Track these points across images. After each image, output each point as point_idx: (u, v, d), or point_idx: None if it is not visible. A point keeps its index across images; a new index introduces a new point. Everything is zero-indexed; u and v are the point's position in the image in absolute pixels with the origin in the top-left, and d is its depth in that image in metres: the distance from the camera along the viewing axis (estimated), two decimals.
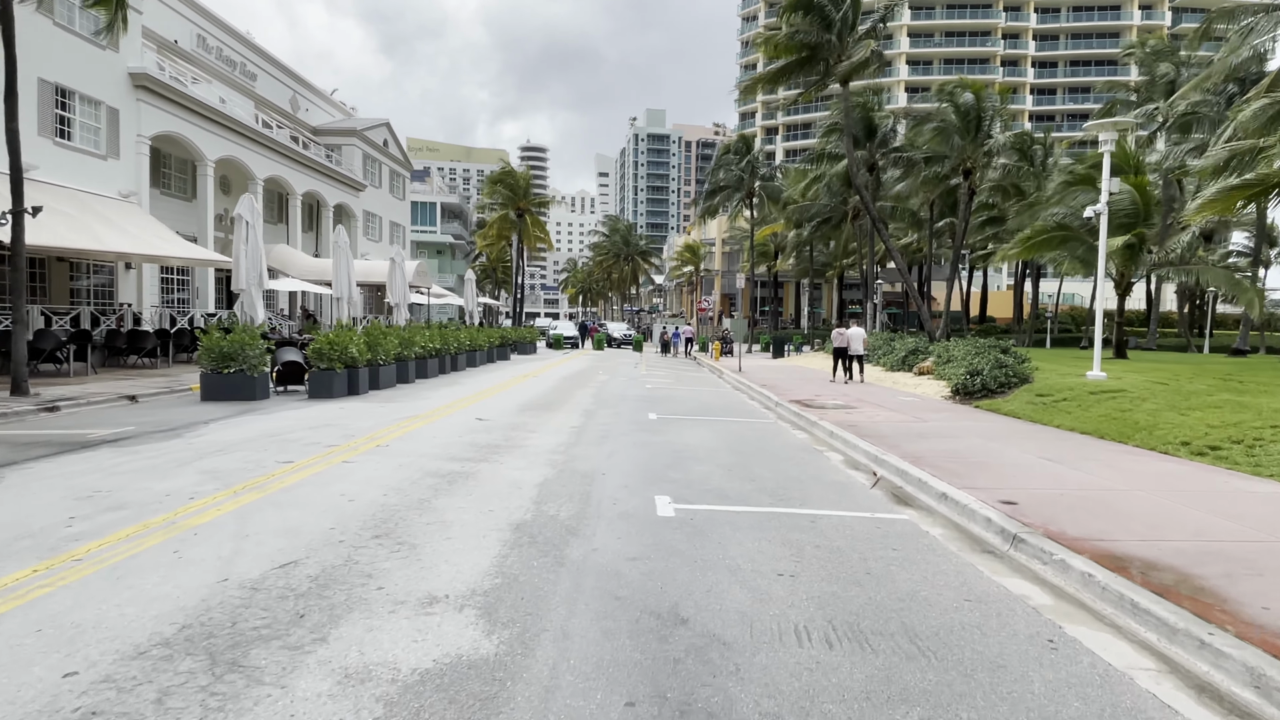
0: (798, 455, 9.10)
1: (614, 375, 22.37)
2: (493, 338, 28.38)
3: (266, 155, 30.46)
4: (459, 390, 16.42)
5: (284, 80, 37.34)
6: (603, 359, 33.00)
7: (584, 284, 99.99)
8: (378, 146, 43.95)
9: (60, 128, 19.96)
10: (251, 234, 16.36)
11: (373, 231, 43.67)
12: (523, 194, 44.40)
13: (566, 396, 15.52)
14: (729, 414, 13.39)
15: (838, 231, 42.54)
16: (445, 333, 21.64)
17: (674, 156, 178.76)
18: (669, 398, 15.99)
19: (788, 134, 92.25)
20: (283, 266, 31.70)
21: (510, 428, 10.58)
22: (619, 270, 71.31)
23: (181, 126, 24.71)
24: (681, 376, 23.15)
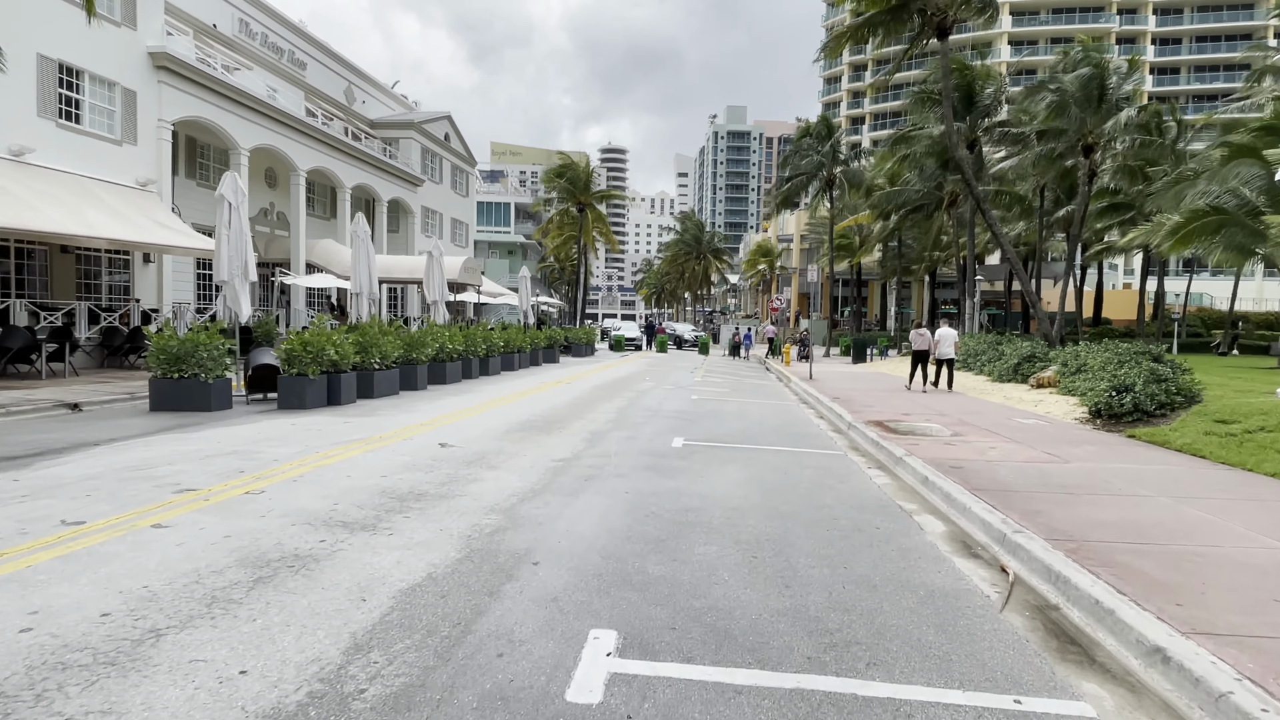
0: (871, 523, 5.87)
1: (661, 382, 19.36)
2: (538, 338, 25.83)
3: (310, 145, 28.95)
4: (463, 400, 13.79)
5: (338, 71, 36.06)
6: (660, 362, 30.02)
7: (658, 284, 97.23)
8: (438, 140, 42.40)
9: (65, 109, 18.52)
10: (235, 218, 14.18)
11: (431, 228, 42.13)
12: (583, 187, 41.87)
13: (584, 411, 12.62)
14: (783, 440, 10.17)
15: (929, 221, 38.10)
16: (471, 333, 19.15)
17: (754, 154, 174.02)
18: (713, 413, 12.86)
19: (874, 123, 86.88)
20: (325, 262, 30.18)
21: (471, 461, 7.74)
22: (690, 269, 68.07)
23: (208, 111, 23.22)
24: (740, 384, 19.92)
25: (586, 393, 15.79)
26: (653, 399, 14.94)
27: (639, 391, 16.40)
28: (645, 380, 19.90)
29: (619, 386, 17.62)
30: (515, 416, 11.50)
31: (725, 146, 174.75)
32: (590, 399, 14.58)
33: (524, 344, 23.84)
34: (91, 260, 20.26)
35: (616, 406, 13.42)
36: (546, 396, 14.80)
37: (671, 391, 16.76)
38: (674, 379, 20.83)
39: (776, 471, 7.75)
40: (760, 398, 16.37)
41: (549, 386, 17.11)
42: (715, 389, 17.99)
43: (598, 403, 13.92)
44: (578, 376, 20.62)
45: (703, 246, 66.54)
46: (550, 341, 27.90)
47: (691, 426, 11.03)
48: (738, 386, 19.14)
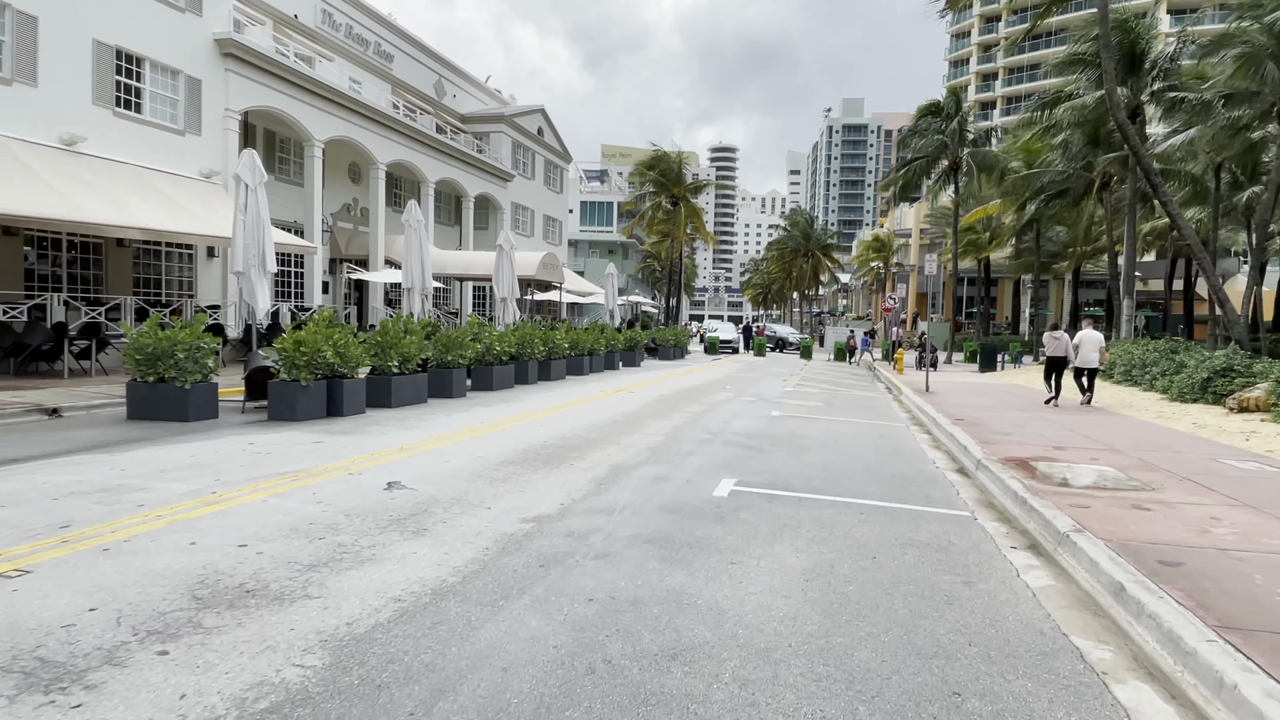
0: (1037, 710, 3.01)
1: (742, 392, 16.53)
2: (615, 340, 23.52)
3: (389, 138, 27.95)
4: (490, 413, 11.57)
5: (427, 63, 35.26)
6: (752, 368, 27.02)
7: (764, 284, 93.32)
8: (530, 135, 41.09)
9: (124, 97, 17.84)
10: (252, 201, 12.60)
11: (523, 225, 40.86)
12: (675, 179, 39.33)
13: (624, 432, 10.08)
14: (879, 486, 7.23)
15: (1075, 209, 33.09)
16: (527, 333, 17.04)
17: (871, 147, 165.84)
18: (791, 438, 10.00)
19: (1006, 108, 79.52)
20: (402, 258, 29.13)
21: (401, 518, 5.37)
22: (798, 267, 64.08)
23: (279, 101, 22.37)
24: (837, 397, 16.78)
25: (645, 405, 13.24)
26: (721, 415, 12.20)
27: (709, 405, 13.70)
28: (724, 389, 17.13)
29: (689, 397, 14.97)
30: (530, 439, 9.11)
31: (840, 141, 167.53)
32: (644, 414, 12.02)
33: (597, 346, 21.58)
34: (150, 254, 19.67)
35: (671, 425, 10.80)
36: (594, 409, 12.37)
37: (749, 405, 13.94)
38: (760, 388, 17.93)
39: (859, 556, 4.92)
40: (859, 415, 13.27)
41: (606, 395, 14.69)
42: (805, 402, 14.99)
43: (649, 419, 11.34)
44: (649, 383, 18.11)
45: (811, 243, 62.44)
46: (631, 343, 25.55)
47: (754, 460, 8.26)
48: (834, 399, 16.04)
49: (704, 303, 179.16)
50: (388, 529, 5.03)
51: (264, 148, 25.19)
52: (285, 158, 26.21)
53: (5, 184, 13.51)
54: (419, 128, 29.54)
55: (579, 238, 73.13)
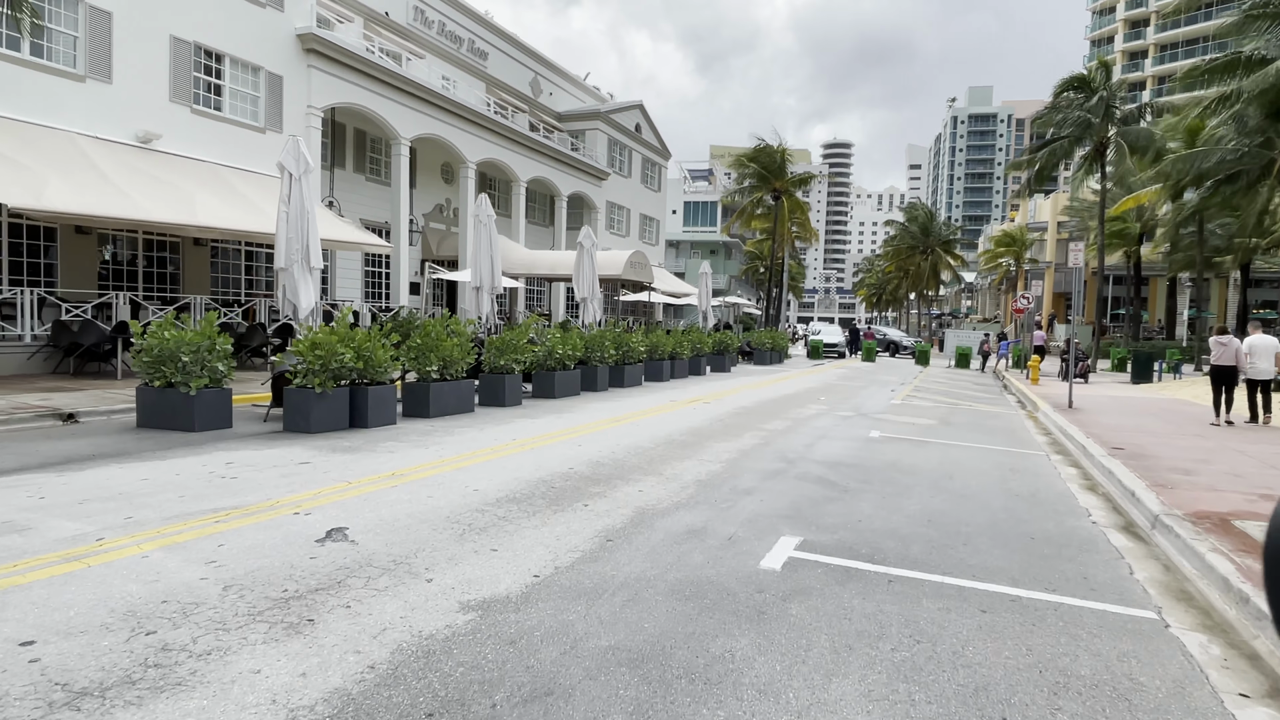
0: None
1: (839, 405, 14.28)
2: (701, 343, 21.64)
3: (479, 135, 27.28)
4: (534, 426, 10.04)
5: (523, 61, 34.62)
6: (857, 375, 24.39)
7: (878, 284, 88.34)
8: (628, 131, 39.83)
9: (202, 94, 17.71)
10: (296, 191, 11.68)
11: (618, 225, 39.65)
12: (777, 171, 36.85)
13: (674, 457, 8.25)
14: (1009, 556, 5.04)
15: (1248, 195, 28.27)
16: (598, 336, 15.51)
17: (1001, 137, 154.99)
18: (886, 474, 7.85)
19: (1157, 89, 71.38)
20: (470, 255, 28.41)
21: (281, 601, 3.82)
22: (916, 265, 59.64)
23: (363, 98, 21.97)
24: (955, 413, 14.22)
25: (716, 419, 11.34)
26: (804, 435, 10.12)
27: (794, 421, 11.62)
28: (817, 401, 14.92)
29: (772, 410, 12.92)
30: (554, 463, 7.45)
31: (965, 132, 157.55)
32: (710, 431, 10.14)
33: (680, 349, 19.80)
34: (229, 253, 19.57)
35: (737, 449, 8.88)
36: (653, 424, 10.61)
37: (843, 422, 11.75)
38: (861, 400, 15.58)
39: (978, 717, 2.93)
40: (983, 439, 10.83)
41: (678, 406, 12.88)
42: (914, 420, 12.62)
43: (714, 439, 9.45)
44: (732, 391, 16.14)
45: (931, 239, 57.91)
46: (721, 346, 23.58)
47: (832, 505, 6.24)
48: (952, 416, 13.52)
49: (813, 305, 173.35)
50: (259, 617, 3.48)
51: (354, 147, 25.06)
52: (376, 158, 26.01)
53: (69, 182, 13.30)
54: (509, 124, 28.76)
55: (680, 238, 71.53)
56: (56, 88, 14.79)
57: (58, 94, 14.81)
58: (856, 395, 16.81)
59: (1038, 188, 34.47)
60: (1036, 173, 32.63)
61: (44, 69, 14.58)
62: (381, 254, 25.33)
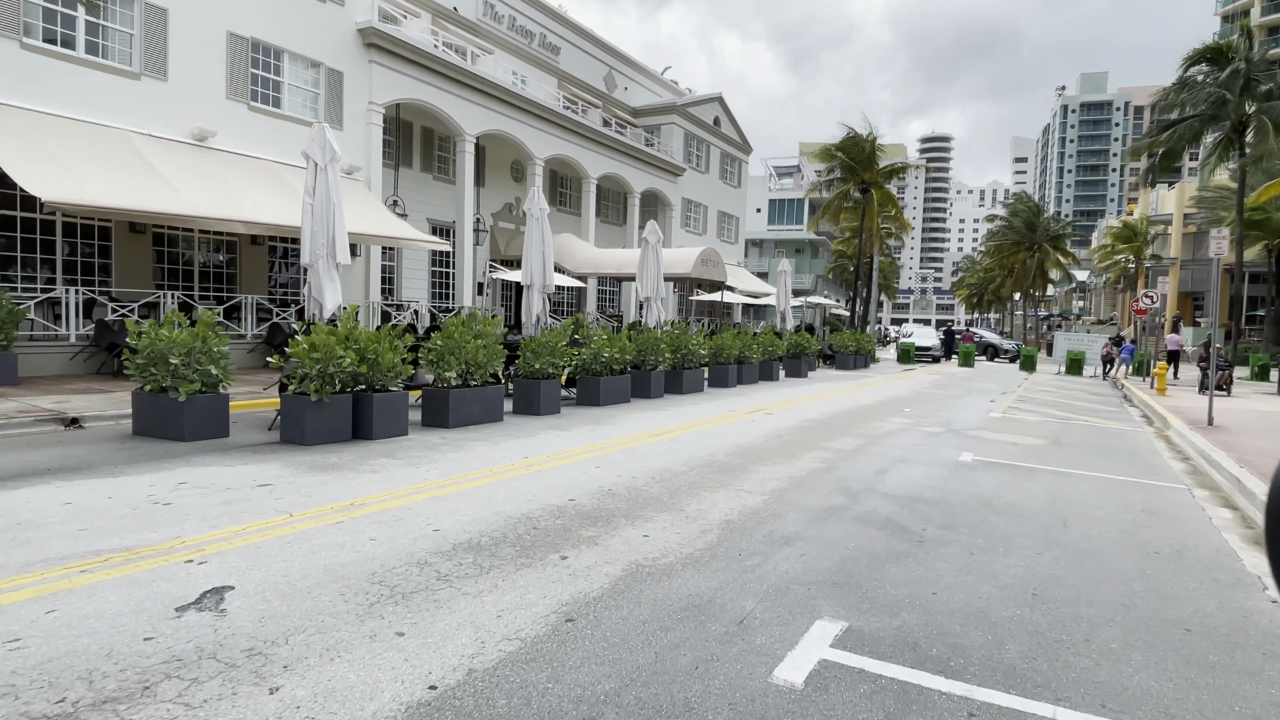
0: None
1: (923, 420, 12.38)
2: (772, 345, 19.95)
3: (546, 131, 26.46)
4: (557, 441, 8.81)
5: (597, 55, 33.71)
6: (951, 383, 22.06)
7: (979, 284, 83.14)
8: (705, 125, 38.34)
9: (259, 90, 17.47)
10: (322, 182, 10.92)
11: (694, 222, 38.20)
12: (866, 162, 34.43)
13: (705, 486, 6.80)
14: (1158, 687, 3.36)
15: None
16: (648, 338, 14.20)
17: (1116, 126, 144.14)
18: (976, 514, 6.13)
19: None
20: (559, 258, 27.55)
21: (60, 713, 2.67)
22: (1020, 262, 55.27)
23: (426, 94, 21.44)
24: (1068, 431, 12.08)
25: (774, 434, 9.79)
26: (877, 459, 8.45)
27: (867, 438, 9.92)
28: (901, 413, 13.06)
29: (844, 424, 11.22)
30: (554, 492, 6.15)
31: (1077, 121, 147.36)
32: (762, 450, 8.63)
33: (748, 353, 18.22)
34: (290, 254, 19.32)
35: (788, 475, 7.35)
36: (696, 439, 9.18)
37: (928, 441, 9.97)
38: (952, 412, 13.60)
39: None
40: (1103, 465, 8.84)
41: (734, 418, 11.38)
42: (1017, 439, 10.66)
43: (763, 462, 7.95)
44: (802, 400, 14.47)
45: (1038, 234, 53.53)
46: (797, 349, 21.79)
47: (897, 566, 4.66)
48: (1063, 435, 11.43)
49: (908, 305, 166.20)
50: None
51: (421, 145, 24.68)
52: (444, 156, 25.57)
53: (113, 177, 13.07)
54: (579, 119, 27.83)
55: (765, 237, 69.36)
56: (112, 86, 14.69)
57: (113, 92, 14.71)
58: (949, 406, 14.80)
59: (1161, 177, 30.78)
60: (1161, 158, 29.08)
61: (99, 67, 14.50)
62: (447, 253, 24.88)
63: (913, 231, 43.21)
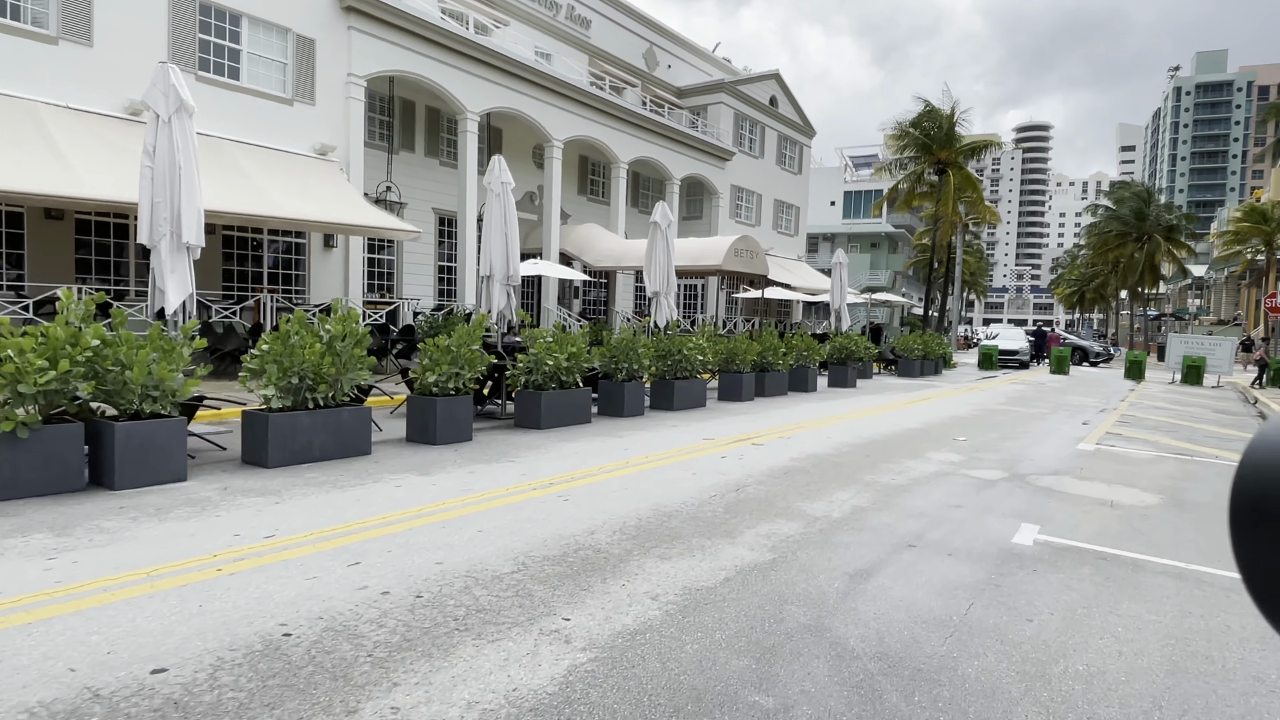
0: None
1: (980, 457, 8.87)
2: (809, 349, 16.58)
3: (567, 109, 23.79)
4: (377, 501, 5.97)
5: (635, 30, 30.87)
6: (1036, 395, 18.06)
7: (1079, 281, 75.79)
8: (759, 105, 34.89)
9: (212, 59, 15.46)
10: (164, 140, 8.61)
11: (745, 212, 34.82)
12: (944, 141, 30.21)
13: (481, 624, 3.77)
14: None
15: None
16: (623, 343, 11.23)
17: (1237, 109, 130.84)
18: (1034, 687, 2.95)
19: None
20: (579, 250, 24.89)
21: None
22: (1127, 256, 48.99)
23: (417, 64, 19.09)
24: (1191, 482, 8.36)
25: (731, 486, 6.61)
26: (866, 545, 5.16)
27: (877, 495, 6.61)
28: (947, 445, 9.56)
29: (854, 466, 7.91)
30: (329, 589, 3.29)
31: (1192, 105, 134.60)
32: (682, 523, 5.43)
33: (774, 359, 14.97)
34: (250, 244, 17.27)
35: (677, 590, 4.17)
36: (593, 499, 6.11)
37: (973, 497, 6.60)
38: (1023, 443, 10.01)
39: None
40: None
41: (701, 452, 8.24)
42: (1115, 494, 7.14)
43: (660, 551, 4.77)
44: (817, 423, 11.14)
45: (1148, 224, 47.30)
46: (843, 354, 18.29)
47: None
48: (1185, 487, 7.78)
49: (1002, 305, 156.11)
50: None
51: (426, 127, 22.44)
52: (452, 139, 23.27)
53: None
54: (606, 97, 25.02)
55: (839, 231, 64.90)
56: (19, 50, 12.85)
57: (22, 58, 12.88)
58: (1023, 431, 11.18)
59: None
60: None
61: (4, 29, 12.67)
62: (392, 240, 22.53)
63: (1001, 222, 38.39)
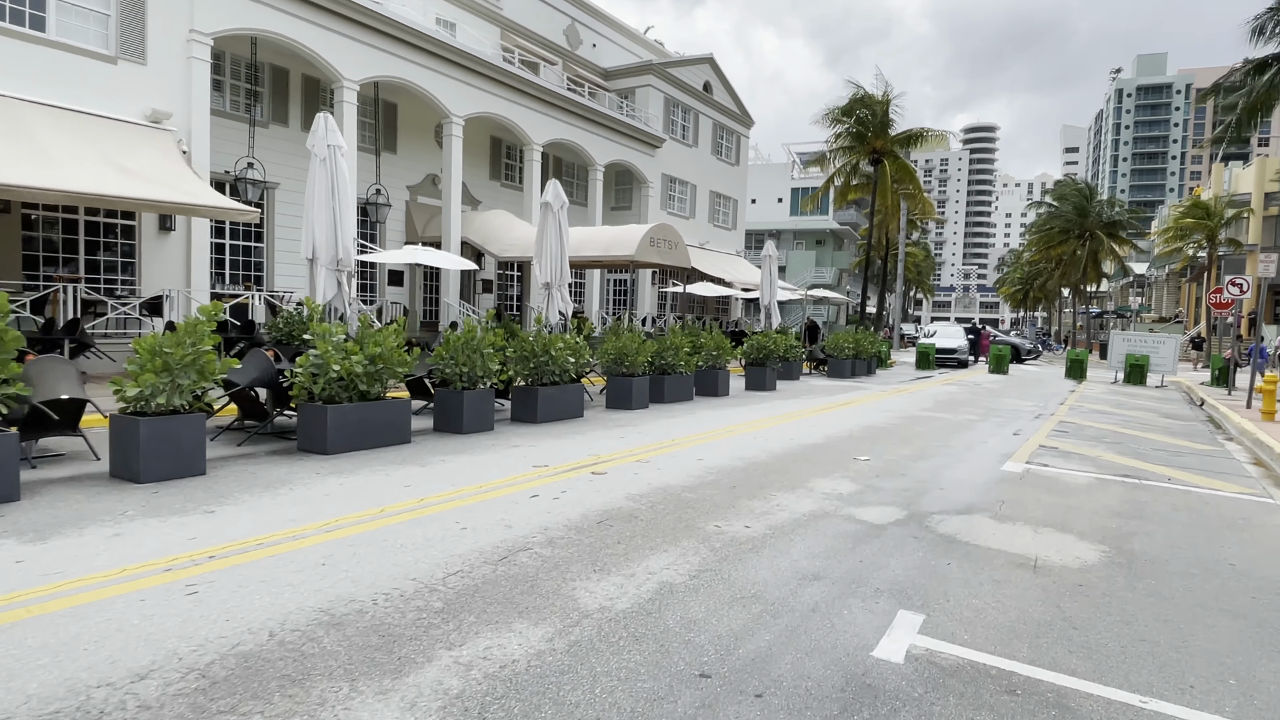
0: None
1: (882, 479, 6.94)
2: (718, 349, 14.65)
3: (467, 81, 21.50)
4: None
5: (555, 4, 28.70)
6: (969, 398, 16.45)
7: (1023, 280, 75.98)
8: (693, 91, 33.00)
9: (10, 5, 12.88)
10: None
11: (679, 203, 32.90)
12: (878, 129, 28.69)
13: None
14: None
15: None
16: (470, 339, 9.10)
17: (1176, 111, 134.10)
18: None
19: None
20: (484, 239, 22.65)
21: None
22: (1070, 254, 48.54)
23: (275, 22, 16.61)
24: (1143, 519, 6.57)
25: (540, 540, 4.58)
26: (675, 652, 3.20)
27: (707, 559, 4.56)
28: (845, 468, 7.62)
29: (706, 508, 5.88)
30: None
31: (1133, 106, 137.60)
32: (328, 648, 3.41)
33: (673, 360, 12.98)
34: (62, 225, 14.67)
35: None
36: (230, 598, 4.03)
37: (845, 557, 4.62)
38: (938, 462, 8.14)
39: None
40: (1250, 656, 3.51)
41: (507, 489, 6.15)
42: (1041, 548, 5.27)
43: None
44: (701, 437, 9.15)
45: (1089, 220, 46.83)
46: (762, 355, 16.43)
47: None
48: (1135, 530, 5.97)
49: (950, 304, 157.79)
50: None
51: (303, 97, 19.94)
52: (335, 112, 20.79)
53: None
54: (515, 71, 22.79)
55: (785, 227, 63.64)
56: None
57: None
58: (940, 448, 9.37)
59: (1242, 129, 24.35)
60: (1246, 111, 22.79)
61: None
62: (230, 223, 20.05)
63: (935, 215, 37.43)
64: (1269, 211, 41.64)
